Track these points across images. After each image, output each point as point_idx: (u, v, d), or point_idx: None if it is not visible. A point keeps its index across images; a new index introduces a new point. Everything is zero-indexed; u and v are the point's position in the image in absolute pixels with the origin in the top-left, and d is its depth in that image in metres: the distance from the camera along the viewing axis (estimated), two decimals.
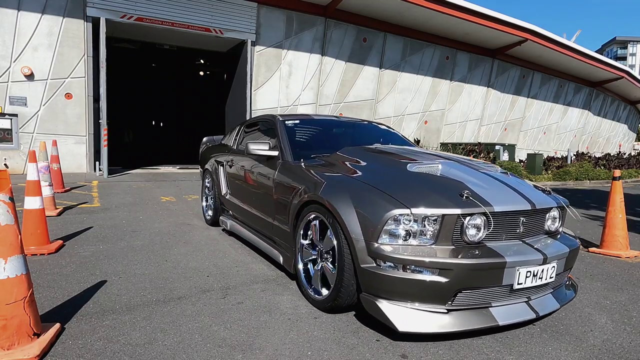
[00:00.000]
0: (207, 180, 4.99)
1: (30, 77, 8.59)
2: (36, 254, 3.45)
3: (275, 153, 3.38)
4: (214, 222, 4.71)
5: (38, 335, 2.00)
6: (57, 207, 5.33)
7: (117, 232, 4.36)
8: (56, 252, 3.57)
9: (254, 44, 10.79)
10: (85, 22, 8.91)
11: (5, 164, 8.54)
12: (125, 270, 3.20)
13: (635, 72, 22.95)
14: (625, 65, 24.21)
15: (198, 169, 11.71)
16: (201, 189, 5.19)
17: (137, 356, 1.99)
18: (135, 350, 2.04)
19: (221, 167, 4.53)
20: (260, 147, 3.37)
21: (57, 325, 2.18)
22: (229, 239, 4.26)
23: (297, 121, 3.85)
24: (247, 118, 10.77)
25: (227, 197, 4.30)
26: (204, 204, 5.07)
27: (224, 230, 4.53)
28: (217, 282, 3.03)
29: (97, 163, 9.17)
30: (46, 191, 5.00)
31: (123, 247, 3.82)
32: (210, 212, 4.83)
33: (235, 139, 4.60)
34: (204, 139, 5.89)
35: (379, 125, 4.44)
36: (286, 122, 3.74)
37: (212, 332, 2.26)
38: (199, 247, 3.95)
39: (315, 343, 2.20)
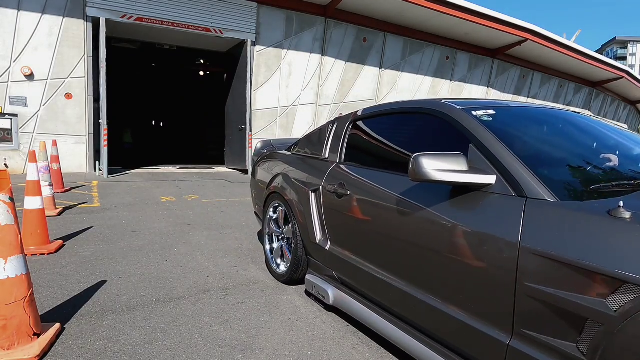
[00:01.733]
0: (274, 210, 3.29)
1: (30, 77, 8.59)
2: (36, 254, 3.45)
3: (489, 179, 1.63)
4: (292, 280, 2.97)
5: (38, 335, 2.00)
6: (57, 207, 5.33)
7: (117, 232, 4.35)
8: (56, 252, 3.57)
9: (254, 44, 10.79)
10: (85, 22, 8.91)
11: (5, 164, 8.53)
12: (125, 270, 3.20)
13: (635, 72, 22.94)
14: (625, 65, 24.20)
15: (197, 169, 11.78)
16: (263, 223, 3.44)
17: (137, 356, 1.99)
18: (135, 350, 2.04)
19: (312, 195, 2.72)
20: (452, 166, 1.65)
21: (57, 325, 2.19)
22: (333, 319, 2.48)
23: (491, 111, 2.04)
24: (247, 118, 10.79)
25: (329, 247, 2.56)
26: (268, 247, 3.31)
27: (307, 292, 2.85)
28: (217, 282, 3.03)
29: (97, 163, 9.17)
30: (46, 191, 5.00)
31: (123, 247, 3.82)
32: (284, 264, 3.12)
33: (336, 146, 2.79)
34: (258, 145, 4.24)
35: (603, 121, 2.55)
36: (474, 112, 1.98)
37: (212, 332, 2.26)
38: (199, 247, 3.95)
39: (315, 343, 2.20)
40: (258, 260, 3.61)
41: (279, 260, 3.19)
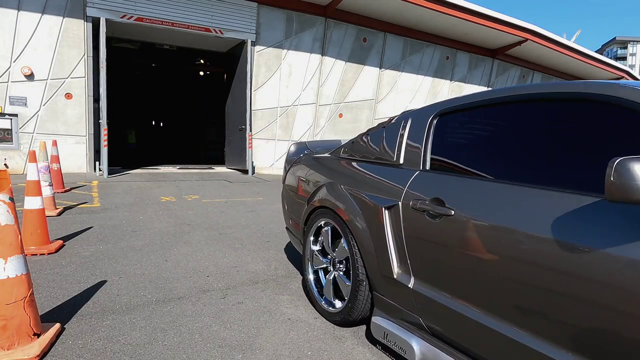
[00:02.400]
0: (321, 229, 2.66)
1: (30, 77, 8.59)
2: (36, 254, 3.45)
3: None
4: (348, 322, 2.35)
5: (38, 335, 2.00)
6: (57, 207, 5.33)
7: (117, 232, 4.35)
8: (56, 252, 3.57)
9: (254, 44, 10.79)
10: (85, 22, 8.91)
11: (5, 164, 8.53)
12: (125, 270, 3.20)
13: (635, 72, 22.95)
14: (625, 65, 24.21)
15: (197, 169, 11.77)
16: (304, 245, 2.82)
17: (137, 356, 1.99)
18: (135, 350, 2.04)
19: (386, 213, 2.06)
20: None
21: (57, 325, 2.19)
22: None
23: None
24: (247, 118, 10.79)
25: (413, 285, 1.92)
26: (312, 276, 2.72)
27: (370, 338, 2.26)
28: (217, 282, 3.03)
29: (97, 163, 9.17)
30: (46, 191, 5.00)
31: (123, 247, 3.82)
32: (335, 299, 2.50)
33: (416, 149, 2.13)
34: (291, 148, 3.50)
35: None
36: None
37: (212, 332, 2.26)
38: (199, 247, 3.95)
39: (315, 343, 2.20)
40: (258, 259, 3.61)
41: (328, 295, 2.54)
